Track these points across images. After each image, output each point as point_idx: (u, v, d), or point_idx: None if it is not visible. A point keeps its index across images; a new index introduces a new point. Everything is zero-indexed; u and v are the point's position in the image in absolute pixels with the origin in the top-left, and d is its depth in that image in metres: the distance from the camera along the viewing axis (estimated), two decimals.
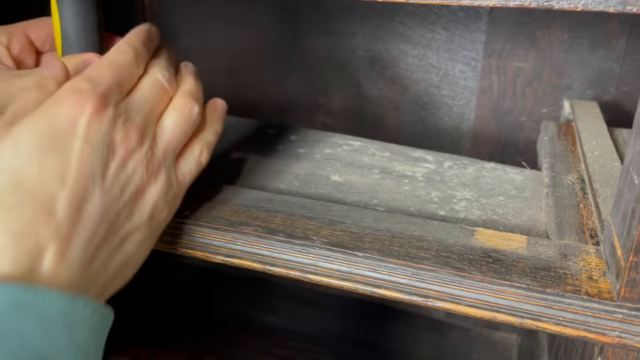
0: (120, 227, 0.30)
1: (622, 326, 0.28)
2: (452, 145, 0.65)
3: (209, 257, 0.35)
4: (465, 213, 0.38)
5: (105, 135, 0.29)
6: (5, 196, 0.26)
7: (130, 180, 0.30)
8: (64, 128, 0.28)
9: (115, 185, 0.29)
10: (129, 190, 0.30)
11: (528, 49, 0.58)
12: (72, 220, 0.27)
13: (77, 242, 0.27)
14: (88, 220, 0.27)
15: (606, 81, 0.57)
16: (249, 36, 0.67)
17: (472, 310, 0.30)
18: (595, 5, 0.24)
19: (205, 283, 0.79)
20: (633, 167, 0.28)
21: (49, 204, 0.26)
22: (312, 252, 0.33)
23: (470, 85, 0.61)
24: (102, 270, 0.29)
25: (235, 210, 0.36)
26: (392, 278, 0.32)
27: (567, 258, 0.32)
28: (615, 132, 0.48)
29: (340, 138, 0.49)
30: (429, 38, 0.61)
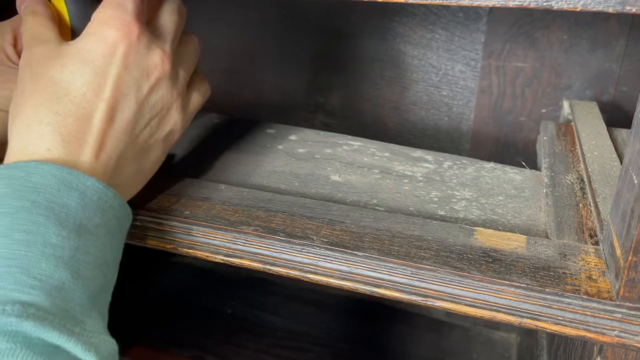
0: (143, 141, 0.34)
1: (622, 326, 0.28)
2: (452, 145, 0.65)
3: (209, 256, 0.35)
4: (464, 213, 0.38)
5: (141, 59, 0.33)
6: (54, 104, 0.31)
7: (158, 101, 0.34)
8: (104, 51, 0.32)
9: (145, 104, 0.34)
10: (156, 110, 0.34)
11: (527, 49, 0.58)
12: (106, 129, 0.32)
13: (109, 146, 0.32)
14: (119, 131, 0.32)
15: (605, 81, 0.57)
16: (249, 36, 0.67)
17: (472, 310, 0.30)
18: (594, 5, 0.24)
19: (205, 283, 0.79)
20: (632, 167, 0.29)
21: (89, 114, 0.31)
22: (312, 252, 0.33)
23: (469, 86, 0.61)
24: (125, 172, 0.34)
25: (235, 210, 0.36)
26: (391, 277, 0.32)
27: (566, 258, 0.32)
28: (615, 132, 0.48)
29: (340, 138, 0.49)
30: (428, 38, 0.61)
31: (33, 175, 0.28)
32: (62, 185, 0.29)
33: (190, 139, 0.49)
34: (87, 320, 0.27)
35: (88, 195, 0.29)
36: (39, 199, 0.28)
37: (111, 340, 0.27)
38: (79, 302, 0.27)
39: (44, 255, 0.26)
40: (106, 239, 0.30)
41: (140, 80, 0.33)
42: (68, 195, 0.29)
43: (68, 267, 0.27)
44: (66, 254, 0.27)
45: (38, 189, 0.28)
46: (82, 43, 0.32)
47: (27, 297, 0.25)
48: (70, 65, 0.32)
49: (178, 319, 0.72)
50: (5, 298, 0.25)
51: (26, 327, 0.24)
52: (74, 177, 0.29)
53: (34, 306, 0.25)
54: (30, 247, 0.26)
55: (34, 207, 0.27)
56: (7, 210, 0.27)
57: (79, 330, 0.26)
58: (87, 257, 0.28)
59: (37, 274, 0.26)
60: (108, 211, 0.30)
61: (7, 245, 0.26)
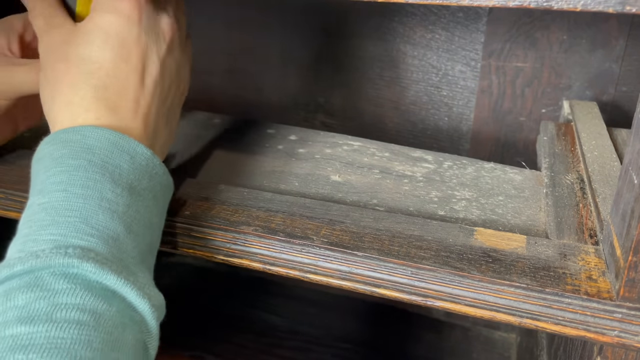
0: (168, 97, 0.36)
1: (621, 326, 0.28)
2: (452, 145, 0.65)
3: (209, 256, 0.35)
4: (464, 213, 0.38)
5: (155, 23, 0.35)
6: (90, 79, 0.32)
7: (173, 62, 0.36)
8: (122, 22, 0.33)
9: (165, 66, 0.35)
10: (174, 68, 0.36)
11: (527, 50, 0.58)
12: (140, 94, 0.34)
13: (145, 111, 0.34)
14: (150, 95, 0.34)
15: (605, 81, 0.57)
16: (248, 36, 0.67)
17: (472, 310, 0.30)
18: (594, 5, 0.24)
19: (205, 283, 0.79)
20: (632, 167, 0.29)
21: (123, 82, 0.33)
22: (312, 252, 0.33)
23: (469, 86, 0.61)
24: (160, 136, 0.36)
25: (235, 210, 0.36)
26: (391, 277, 0.32)
27: (566, 258, 0.32)
28: (615, 132, 0.48)
29: (340, 138, 0.49)
30: (428, 38, 0.61)
31: (88, 138, 0.30)
32: (115, 148, 0.31)
33: (190, 139, 0.49)
34: (138, 272, 0.28)
35: (137, 159, 0.31)
36: (94, 159, 0.30)
37: (160, 294, 0.29)
38: (132, 254, 0.28)
39: (100, 208, 0.28)
40: (152, 202, 0.31)
41: (157, 42, 0.35)
42: (120, 157, 0.30)
43: (122, 221, 0.29)
44: (120, 209, 0.29)
45: (93, 150, 0.30)
46: (99, 18, 0.33)
47: (87, 243, 0.27)
48: (95, 40, 0.33)
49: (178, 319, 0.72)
50: (66, 243, 0.26)
51: (87, 268, 0.25)
52: (125, 141, 0.31)
53: (93, 251, 0.26)
54: (87, 200, 0.28)
55: (90, 166, 0.29)
56: (65, 169, 0.29)
57: (133, 279, 0.27)
58: (137, 215, 0.30)
59: (95, 224, 0.28)
60: (154, 177, 0.32)
61: (66, 198, 0.28)
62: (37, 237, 0.27)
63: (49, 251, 0.25)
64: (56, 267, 0.25)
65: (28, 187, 0.31)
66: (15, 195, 0.38)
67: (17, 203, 0.38)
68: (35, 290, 0.24)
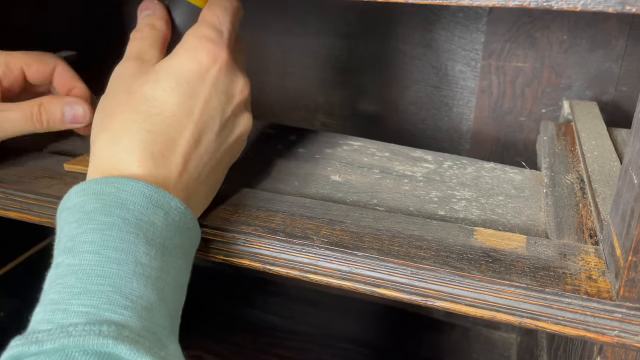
0: (217, 159, 0.34)
1: (621, 325, 0.28)
2: (452, 145, 0.65)
3: (209, 256, 0.35)
4: (464, 213, 0.38)
5: (228, 84, 0.33)
6: (146, 121, 0.31)
7: (237, 125, 0.35)
8: (197, 73, 0.32)
9: (227, 128, 0.34)
10: (235, 133, 0.35)
11: (527, 50, 0.58)
12: (191, 151, 0.32)
13: (191, 168, 0.32)
14: (202, 154, 0.33)
15: (605, 81, 0.57)
16: (248, 36, 0.67)
17: (472, 310, 0.30)
18: (594, 5, 0.24)
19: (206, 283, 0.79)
20: (632, 167, 0.29)
21: (178, 134, 0.31)
22: (312, 252, 0.33)
23: (469, 86, 0.61)
24: (200, 193, 0.34)
25: (235, 210, 0.36)
26: (391, 277, 0.32)
27: (566, 258, 0.32)
28: (615, 132, 0.48)
29: (340, 138, 0.49)
30: (428, 38, 0.61)
31: (122, 192, 0.28)
32: (150, 204, 0.29)
33: None
34: (169, 344, 0.26)
35: (171, 215, 0.29)
36: (128, 216, 0.28)
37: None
38: (163, 325, 0.27)
39: (134, 275, 0.26)
40: (182, 260, 0.30)
41: (225, 104, 0.33)
42: (154, 214, 0.29)
43: (155, 288, 0.27)
44: (153, 274, 0.27)
45: (127, 206, 0.28)
46: (177, 62, 0.32)
47: (120, 317, 0.25)
48: (164, 83, 0.32)
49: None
50: (99, 317, 0.24)
51: (122, 350, 0.23)
52: (160, 196, 0.29)
53: (128, 328, 0.24)
54: (121, 265, 0.26)
55: (124, 224, 0.27)
56: (98, 227, 0.27)
57: (164, 354, 0.25)
58: (168, 278, 0.28)
59: (129, 294, 0.26)
60: (185, 232, 0.30)
61: (98, 263, 0.26)
62: (67, 306, 0.25)
63: (82, 328, 0.24)
64: (89, 346, 0.23)
65: (28, 187, 0.31)
66: (15, 195, 0.38)
67: (17, 203, 0.38)
68: None
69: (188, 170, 0.32)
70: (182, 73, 0.32)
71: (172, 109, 0.31)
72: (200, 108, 0.32)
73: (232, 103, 0.34)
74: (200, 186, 0.34)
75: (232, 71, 0.34)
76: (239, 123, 0.35)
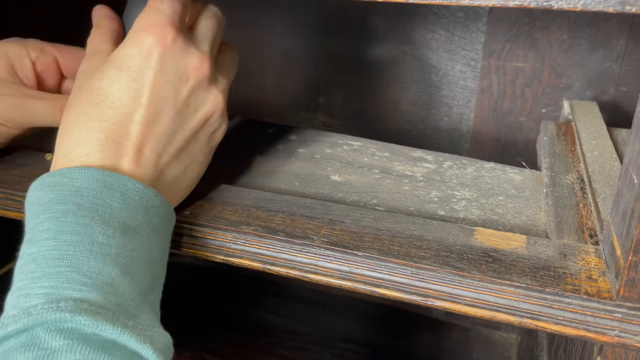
0: (185, 144, 0.34)
1: (622, 325, 0.28)
2: (452, 145, 0.65)
3: (209, 256, 0.35)
4: (464, 213, 0.38)
5: (178, 63, 0.33)
6: (92, 111, 0.32)
7: (200, 104, 0.34)
8: (140, 56, 0.32)
9: (185, 108, 0.34)
10: (198, 113, 0.34)
11: (527, 50, 0.58)
12: (145, 133, 0.32)
13: (148, 150, 0.32)
14: (158, 135, 0.32)
15: (605, 81, 0.57)
16: (248, 36, 0.67)
17: (472, 310, 0.30)
18: (594, 5, 0.24)
19: (205, 283, 0.79)
20: (632, 166, 0.29)
21: (126, 119, 0.32)
22: (312, 252, 0.33)
23: (469, 86, 0.61)
24: (169, 175, 0.34)
25: (235, 210, 0.36)
26: (391, 277, 0.32)
27: (566, 257, 0.32)
28: (615, 132, 0.48)
29: (340, 138, 0.49)
30: (428, 38, 0.61)
31: (76, 180, 0.29)
32: (104, 188, 0.29)
33: None
34: (139, 314, 0.27)
35: (129, 195, 0.30)
36: (82, 202, 0.29)
37: (165, 333, 0.28)
38: (130, 297, 0.27)
39: (92, 254, 0.27)
40: (151, 236, 0.30)
41: (177, 83, 0.33)
42: (110, 196, 0.29)
43: (116, 263, 0.27)
44: (113, 251, 0.28)
45: (81, 193, 0.29)
46: (121, 50, 0.33)
47: (79, 293, 0.26)
48: (107, 72, 0.32)
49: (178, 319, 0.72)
50: (58, 296, 0.25)
51: (80, 321, 0.24)
52: (114, 179, 0.30)
53: (87, 302, 0.25)
54: (77, 246, 0.27)
55: (78, 210, 0.28)
56: (54, 215, 0.28)
57: (133, 323, 0.26)
58: (133, 254, 0.29)
59: (87, 272, 0.26)
60: (151, 210, 0.31)
61: (55, 247, 0.27)
62: (30, 291, 0.26)
63: (41, 307, 0.24)
64: (50, 323, 0.24)
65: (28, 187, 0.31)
66: (15, 195, 0.38)
67: (17, 203, 0.38)
68: (32, 349, 0.23)
69: (145, 153, 0.32)
70: (125, 59, 0.32)
71: (118, 95, 0.32)
72: (148, 90, 0.32)
73: (187, 82, 0.34)
74: (168, 168, 0.34)
75: (183, 49, 0.33)
76: (203, 102, 0.35)
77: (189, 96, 0.34)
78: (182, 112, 0.34)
